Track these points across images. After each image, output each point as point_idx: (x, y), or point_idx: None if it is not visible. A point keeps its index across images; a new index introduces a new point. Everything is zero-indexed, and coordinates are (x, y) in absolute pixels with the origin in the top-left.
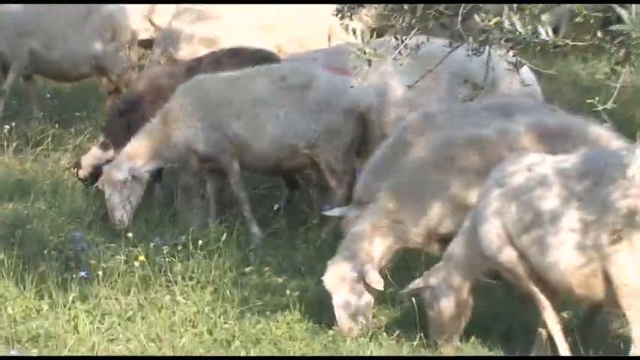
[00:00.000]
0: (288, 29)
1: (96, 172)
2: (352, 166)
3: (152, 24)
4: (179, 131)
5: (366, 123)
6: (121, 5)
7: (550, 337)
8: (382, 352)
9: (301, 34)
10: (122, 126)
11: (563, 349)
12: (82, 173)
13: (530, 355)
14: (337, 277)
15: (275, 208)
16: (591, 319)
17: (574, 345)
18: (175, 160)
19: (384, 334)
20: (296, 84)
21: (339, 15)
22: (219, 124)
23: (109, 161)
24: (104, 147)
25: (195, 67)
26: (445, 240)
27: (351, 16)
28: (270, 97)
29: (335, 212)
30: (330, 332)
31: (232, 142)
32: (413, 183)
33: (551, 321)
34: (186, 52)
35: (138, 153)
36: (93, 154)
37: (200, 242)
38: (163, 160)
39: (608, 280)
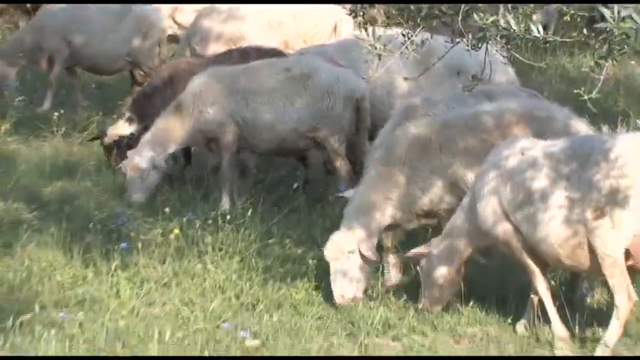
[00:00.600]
0: (294, 26)
1: (121, 154)
2: (352, 147)
3: (175, 22)
4: (192, 116)
5: (359, 110)
6: (154, 5)
7: (540, 302)
8: (391, 315)
9: (306, 30)
10: (146, 106)
11: (552, 313)
12: (107, 141)
13: (523, 317)
14: (337, 248)
15: (294, 186)
16: (576, 286)
17: (561, 309)
18: (191, 144)
19: (392, 298)
20: (299, 74)
21: (353, 14)
22: (228, 109)
23: (131, 136)
24: (130, 121)
25: (217, 60)
26: (429, 216)
27: (363, 15)
28: (276, 87)
29: (350, 193)
30: None
31: (241, 127)
32: (414, 163)
33: (542, 287)
34: (211, 47)
35: (157, 139)
36: (119, 126)
37: (228, 217)
38: (181, 144)
39: (592, 251)
